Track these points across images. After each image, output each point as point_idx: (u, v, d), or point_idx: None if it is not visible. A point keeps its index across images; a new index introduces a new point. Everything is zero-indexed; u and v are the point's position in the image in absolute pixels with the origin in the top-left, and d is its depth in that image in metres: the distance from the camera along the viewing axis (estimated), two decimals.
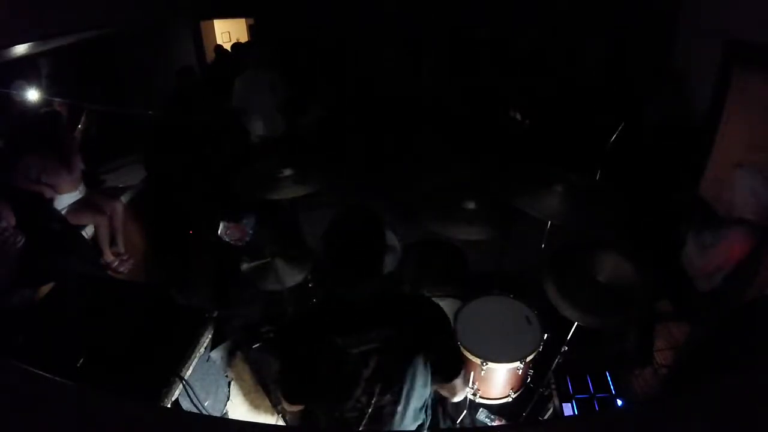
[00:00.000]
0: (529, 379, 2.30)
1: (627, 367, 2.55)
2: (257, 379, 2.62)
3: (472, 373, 2.15)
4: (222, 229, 3.36)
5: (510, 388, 2.22)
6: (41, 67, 3.64)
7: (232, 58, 5.19)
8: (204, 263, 3.48)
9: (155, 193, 3.83)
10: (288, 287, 2.48)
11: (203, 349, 2.00)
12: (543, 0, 4.64)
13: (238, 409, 2.41)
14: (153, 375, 1.71)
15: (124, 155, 4.06)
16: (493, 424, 2.37)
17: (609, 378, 2.33)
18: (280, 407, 2.47)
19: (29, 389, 0.83)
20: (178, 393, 1.77)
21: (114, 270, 3.37)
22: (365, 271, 1.24)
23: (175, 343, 1.87)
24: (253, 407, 2.50)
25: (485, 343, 2.10)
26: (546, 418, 2.30)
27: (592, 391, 2.27)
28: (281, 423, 2.41)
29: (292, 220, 3.04)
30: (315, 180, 2.48)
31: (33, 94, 3.22)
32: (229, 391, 2.32)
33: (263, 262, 2.49)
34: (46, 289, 2.06)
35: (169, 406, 1.70)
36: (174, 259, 3.52)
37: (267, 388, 2.58)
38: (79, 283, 2.12)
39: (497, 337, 2.15)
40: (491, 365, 2.06)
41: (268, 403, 2.52)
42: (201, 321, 2.01)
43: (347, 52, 5.43)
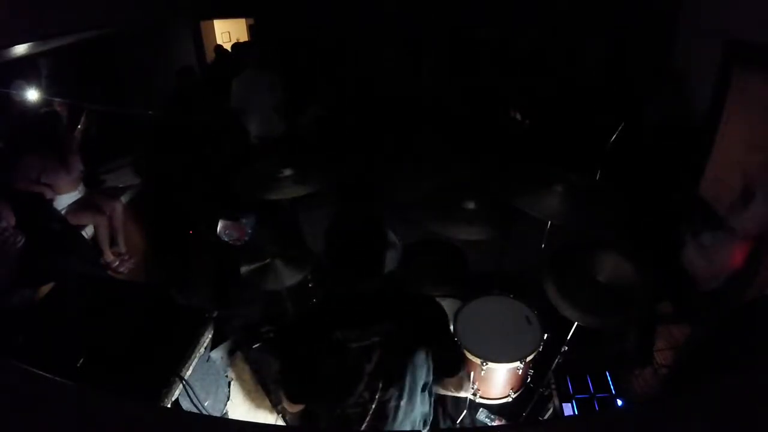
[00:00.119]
0: (529, 379, 2.30)
1: (627, 367, 2.55)
2: (257, 379, 2.62)
3: (472, 373, 2.15)
4: (221, 229, 3.36)
5: (510, 388, 2.22)
6: (41, 67, 3.63)
7: (232, 58, 5.18)
8: (204, 263, 3.48)
9: (155, 193, 3.83)
10: (288, 287, 2.48)
11: (203, 349, 2.00)
12: (543, 0, 4.64)
13: (238, 409, 2.41)
14: (153, 375, 1.71)
15: (124, 155, 4.06)
16: (493, 424, 2.38)
17: (609, 378, 2.33)
18: (280, 407, 2.47)
19: (29, 389, 0.83)
20: (178, 393, 1.77)
21: (114, 270, 3.37)
22: (366, 270, 1.25)
23: (175, 343, 1.87)
24: (253, 407, 2.50)
25: (485, 343, 2.10)
26: (546, 418, 2.30)
27: (592, 391, 2.27)
28: (281, 423, 2.41)
29: (292, 220, 3.04)
30: (315, 180, 2.47)
31: (33, 94, 3.22)
32: (229, 391, 2.32)
33: (263, 263, 2.49)
34: (46, 289, 2.06)
35: (169, 406, 1.70)
36: (174, 259, 3.52)
37: (267, 388, 2.58)
38: (79, 283, 2.12)
39: (497, 337, 2.15)
40: (491, 365, 2.06)
41: (268, 403, 2.52)
42: (201, 321, 2.01)
43: (347, 52, 5.43)
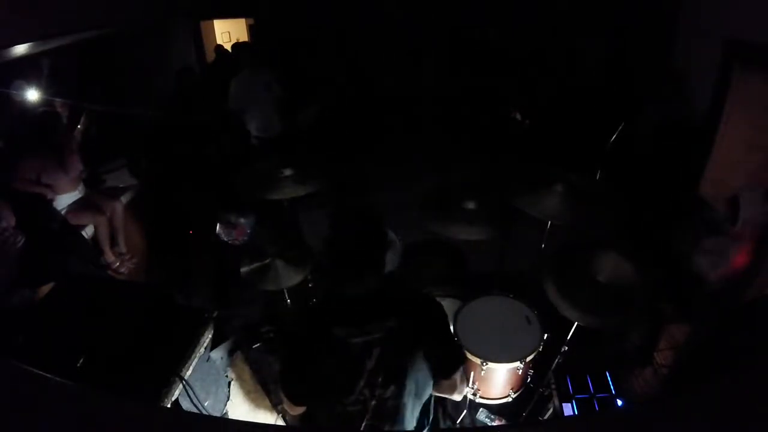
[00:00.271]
0: (529, 379, 2.30)
1: (627, 367, 2.55)
2: (257, 379, 2.62)
3: (472, 373, 2.15)
4: (221, 229, 3.36)
5: (510, 388, 2.22)
6: (41, 67, 3.63)
7: (232, 58, 5.18)
8: (204, 263, 3.48)
9: (155, 193, 3.83)
10: (288, 287, 2.48)
11: (203, 349, 2.00)
12: (543, 0, 4.64)
13: (238, 409, 2.41)
14: (153, 375, 1.72)
15: (124, 155, 4.06)
16: (493, 424, 2.38)
17: (609, 378, 2.33)
18: (280, 407, 2.47)
19: (29, 389, 0.83)
20: (178, 393, 1.77)
21: (114, 270, 3.37)
22: (366, 270, 1.25)
23: (175, 343, 1.87)
24: (253, 407, 2.50)
25: (485, 343, 2.10)
26: (546, 418, 2.30)
27: (592, 391, 2.27)
28: (281, 423, 2.41)
29: (292, 220, 3.04)
30: (315, 180, 2.47)
31: (33, 94, 3.22)
32: (229, 391, 2.32)
33: (263, 263, 2.49)
34: (46, 289, 2.06)
35: (169, 406, 1.71)
36: (174, 259, 3.52)
37: (267, 388, 2.58)
38: (79, 283, 2.12)
39: (497, 337, 2.15)
40: (491, 365, 2.06)
41: (268, 403, 2.52)
42: (201, 321, 2.01)
43: (347, 51, 5.43)
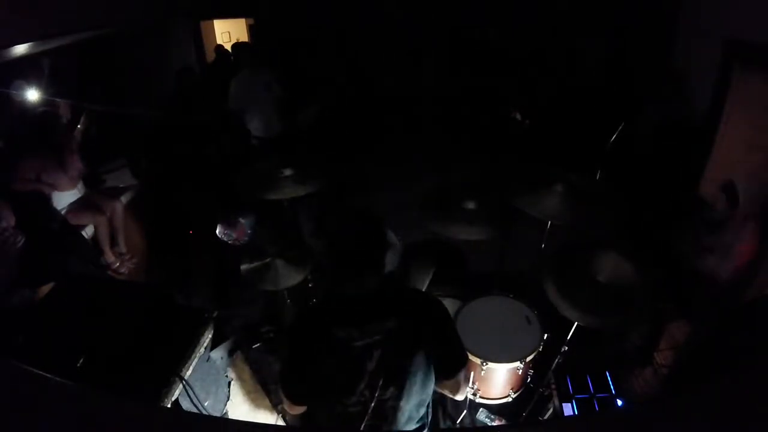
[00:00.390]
0: (529, 379, 2.30)
1: (627, 367, 2.55)
2: (257, 379, 2.62)
3: (472, 373, 2.15)
4: (221, 229, 3.36)
5: (510, 388, 2.22)
6: (41, 67, 3.63)
7: (232, 58, 5.19)
8: (204, 263, 3.48)
9: (155, 193, 3.83)
10: (287, 287, 2.48)
11: (203, 349, 2.00)
12: (543, 0, 4.64)
13: (238, 409, 2.41)
14: (153, 375, 1.72)
15: (124, 155, 4.06)
16: (493, 424, 2.37)
17: (609, 378, 2.32)
18: (280, 407, 2.47)
19: (29, 389, 0.83)
20: (178, 393, 1.77)
21: (114, 270, 3.37)
22: (366, 270, 1.25)
23: (175, 343, 1.87)
24: (253, 407, 2.50)
25: (485, 343, 2.10)
26: (546, 418, 2.30)
27: (592, 391, 2.27)
28: (281, 423, 2.41)
29: (292, 220, 3.04)
30: (315, 180, 2.47)
31: (32, 93, 3.22)
32: (229, 391, 2.32)
33: (263, 263, 2.49)
34: (46, 289, 2.06)
35: (169, 406, 1.70)
36: (174, 259, 3.52)
37: (267, 388, 2.58)
38: (79, 283, 2.12)
39: (497, 337, 2.15)
40: (491, 365, 2.06)
41: (268, 403, 2.52)
42: (201, 321, 2.01)
43: (347, 52, 5.43)
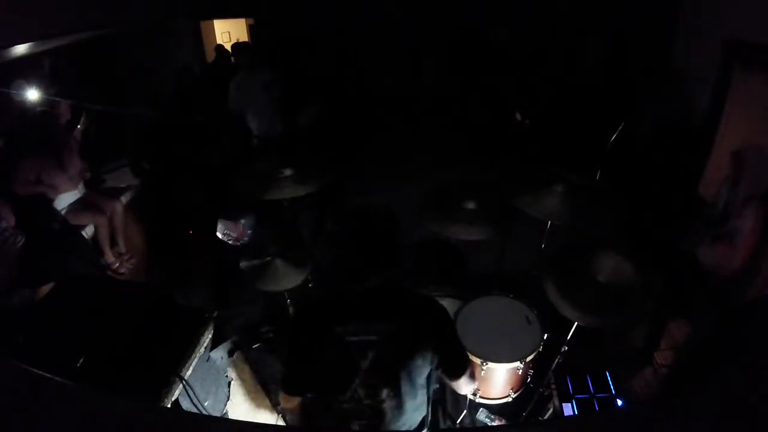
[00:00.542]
0: (529, 379, 2.30)
1: (627, 367, 2.55)
2: (257, 379, 2.62)
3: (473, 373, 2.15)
4: (221, 229, 3.36)
5: (510, 388, 2.22)
6: (41, 67, 3.63)
7: (231, 57, 5.19)
8: (204, 263, 3.48)
9: (155, 193, 3.83)
10: (287, 288, 2.48)
11: (203, 349, 2.00)
12: (543, 0, 4.64)
13: (238, 409, 2.41)
14: (153, 375, 1.72)
15: (124, 155, 4.06)
16: (493, 424, 2.37)
17: (609, 378, 2.32)
18: (280, 407, 2.47)
19: (29, 389, 0.83)
20: (178, 393, 1.77)
21: (114, 270, 3.37)
22: (371, 268, 1.25)
23: (175, 343, 1.87)
24: (253, 407, 2.50)
25: (485, 343, 2.10)
26: (546, 418, 2.30)
27: (592, 391, 2.27)
28: (281, 423, 2.41)
29: (292, 220, 3.04)
30: (315, 180, 2.47)
31: (32, 93, 3.21)
32: (229, 391, 2.32)
33: (263, 263, 2.49)
34: (46, 289, 2.06)
35: (169, 406, 1.70)
36: (174, 259, 3.52)
37: (267, 388, 2.58)
38: (79, 283, 2.12)
39: (497, 337, 2.15)
40: (491, 365, 2.06)
41: (268, 403, 2.52)
42: (201, 321, 2.01)
43: (347, 52, 5.43)
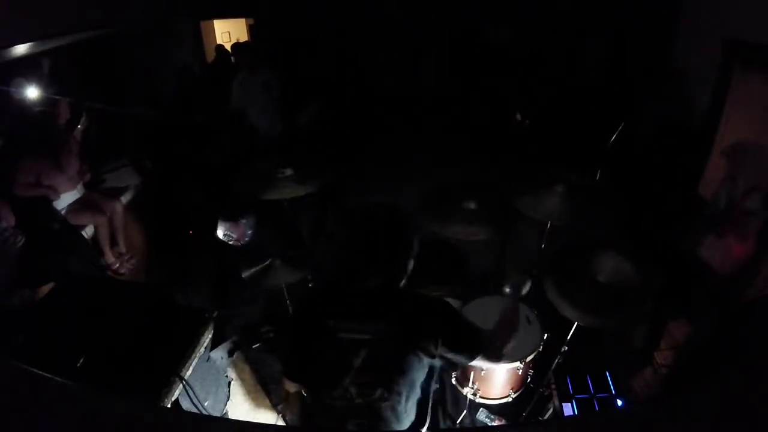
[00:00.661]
0: (529, 379, 2.30)
1: (627, 367, 2.55)
2: (257, 379, 2.62)
3: (472, 373, 2.15)
4: (221, 229, 3.36)
5: (510, 388, 2.22)
6: (41, 67, 3.63)
7: (231, 57, 5.19)
8: (204, 263, 3.48)
9: (155, 193, 3.83)
10: (287, 287, 2.48)
11: (203, 349, 2.00)
12: (543, 0, 4.64)
13: (238, 409, 2.40)
14: (153, 375, 1.72)
15: (124, 155, 4.06)
16: (493, 424, 2.37)
17: (609, 378, 2.32)
18: (280, 407, 2.47)
19: (29, 389, 0.83)
20: (178, 393, 1.77)
21: (114, 270, 3.37)
22: (375, 267, 1.25)
23: (175, 343, 1.87)
24: (253, 407, 2.50)
25: None
26: (546, 418, 2.30)
27: (592, 391, 2.27)
28: (281, 423, 2.41)
29: (292, 220, 3.04)
30: (315, 180, 2.47)
31: (32, 93, 3.21)
32: (229, 391, 2.32)
33: (263, 263, 2.49)
34: (46, 289, 2.06)
35: (169, 406, 1.70)
36: (174, 259, 3.52)
37: (267, 388, 2.58)
38: (79, 283, 2.12)
39: None
40: (491, 365, 2.06)
41: (268, 403, 2.52)
42: (201, 321, 2.01)
43: (347, 52, 5.43)
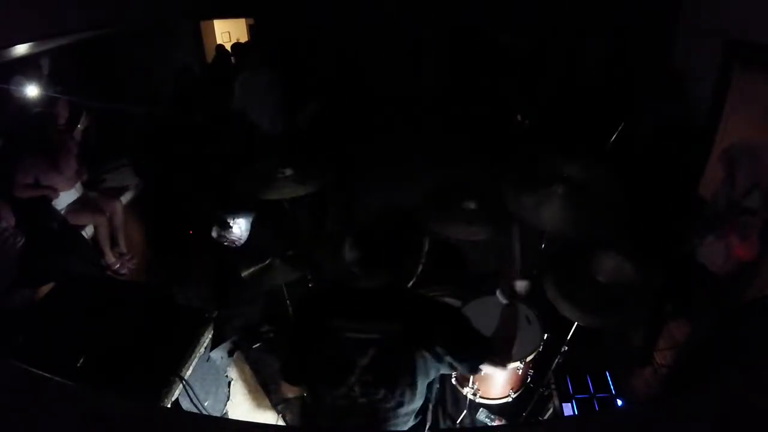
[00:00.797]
0: (529, 379, 2.30)
1: (627, 367, 2.55)
2: (257, 379, 2.62)
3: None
4: (220, 230, 3.36)
5: (510, 388, 2.22)
6: (41, 67, 3.63)
7: (231, 57, 5.19)
8: (204, 263, 3.48)
9: (155, 193, 3.83)
10: (287, 287, 2.48)
11: (203, 349, 2.00)
12: (543, 0, 4.64)
13: (238, 409, 2.41)
14: (153, 375, 1.72)
15: (124, 155, 4.06)
16: (493, 424, 2.38)
17: (609, 378, 2.33)
18: (280, 407, 2.47)
19: (29, 389, 0.83)
20: (178, 393, 1.77)
21: (114, 270, 3.37)
22: (382, 268, 1.25)
23: (175, 343, 1.87)
24: (253, 407, 2.50)
25: None
26: (546, 418, 2.30)
27: (592, 391, 2.27)
28: (281, 423, 2.41)
29: (292, 220, 3.04)
30: (315, 180, 2.47)
31: (32, 93, 3.21)
32: (229, 391, 2.32)
33: (263, 263, 2.49)
34: (46, 289, 2.06)
35: (169, 406, 1.71)
36: (174, 259, 3.52)
37: (267, 388, 2.58)
38: (79, 283, 2.12)
39: None
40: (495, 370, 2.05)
41: (268, 403, 2.52)
42: (201, 321, 2.01)
43: (347, 51, 5.43)
